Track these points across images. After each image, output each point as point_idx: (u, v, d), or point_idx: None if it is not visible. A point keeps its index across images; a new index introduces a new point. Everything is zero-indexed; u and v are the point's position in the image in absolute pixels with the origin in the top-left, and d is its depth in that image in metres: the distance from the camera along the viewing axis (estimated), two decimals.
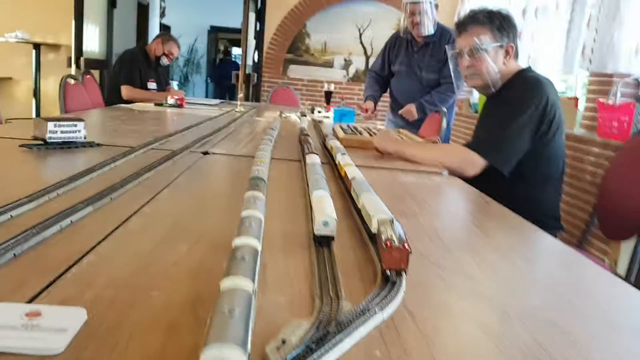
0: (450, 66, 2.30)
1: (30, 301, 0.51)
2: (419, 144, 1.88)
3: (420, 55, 3.10)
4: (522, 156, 1.62)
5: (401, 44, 3.18)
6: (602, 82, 2.93)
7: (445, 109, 2.92)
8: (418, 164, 1.61)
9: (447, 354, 0.49)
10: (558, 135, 1.66)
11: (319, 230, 0.74)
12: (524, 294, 0.68)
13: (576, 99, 3.17)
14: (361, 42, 6.05)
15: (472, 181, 1.48)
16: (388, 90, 3.38)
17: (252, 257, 0.53)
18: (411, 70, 3.14)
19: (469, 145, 1.64)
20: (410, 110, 3.06)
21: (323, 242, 0.74)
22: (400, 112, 3.16)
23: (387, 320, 0.54)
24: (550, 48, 3.48)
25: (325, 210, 0.76)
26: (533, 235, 1.00)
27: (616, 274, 1.64)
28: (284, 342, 0.46)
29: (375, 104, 3.25)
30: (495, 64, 1.72)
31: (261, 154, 1.10)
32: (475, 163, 1.58)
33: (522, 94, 1.64)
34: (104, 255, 0.66)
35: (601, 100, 2.72)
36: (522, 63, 1.83)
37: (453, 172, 1.55)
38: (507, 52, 1.72)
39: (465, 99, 4.75)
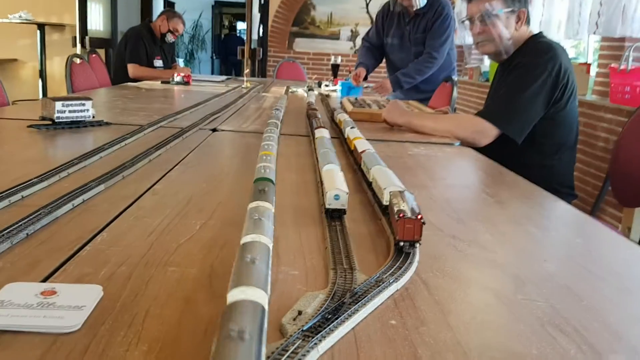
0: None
1: (45, 280, 0.51)
2: (429, 115, 1.86)
3: (411, 27, 3.01)
4: (536, 124, 1.59)
5: (393, 16, 3.09)
6: (613, 48, 2.87)
7: (454, 78, 2.87)
8: (429, 135, 1.59)
9: (462, 321, 0.49)
10: (571, 102, 1.63)
11: (330, 203, 0.73)
12: (539, 261, 0.67)
13: (588, 65, 3.11)
14: (368, 12, 5.94)
15: (485, 150, 1.46)
16: (384, 61, 3.29)
17: (256, 332, 0.32)
18: (404, 44, 3.06)
19: (480, 114, 1.61)
20: (384, 85, 2.99)
21: (335, 216, 0.73)
22: (373, 88, 3.09)
23: (402, 290, 0.54)
24: (559, 13, 3.41)
25: (336, 183, 0.75)
26: (547, 202, 1.00)
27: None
28: (300, 313, 0.46)
29: (368, 72, 3.14)
30: (506, 30, 1.68)
31: (267, 145, 1.02)
32: (488, 132, 1.56)
33: (534, 60, 1.61)
34: (117, 232, 0.66)
35: (613, 65, 2.67)
36: (534, 29, 1.79)
37: (465, 143, 1.53)
38: (518, 18, 1.68)
39: (476, 67, 4.68)
